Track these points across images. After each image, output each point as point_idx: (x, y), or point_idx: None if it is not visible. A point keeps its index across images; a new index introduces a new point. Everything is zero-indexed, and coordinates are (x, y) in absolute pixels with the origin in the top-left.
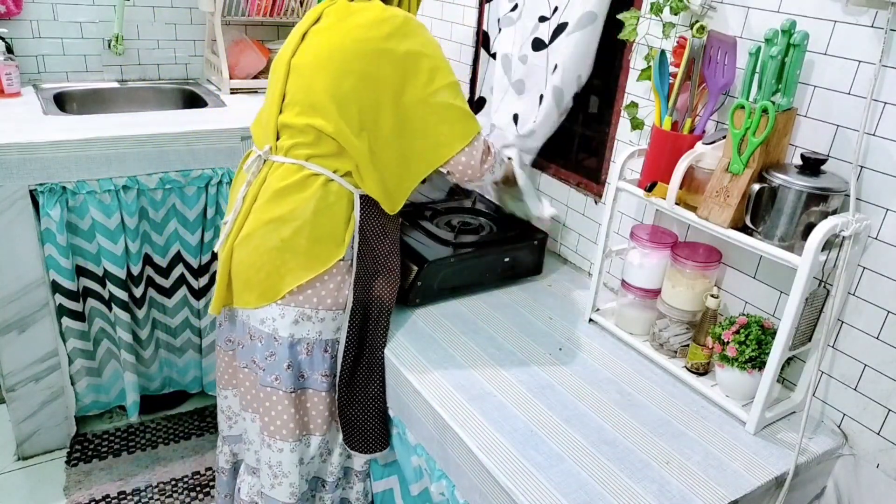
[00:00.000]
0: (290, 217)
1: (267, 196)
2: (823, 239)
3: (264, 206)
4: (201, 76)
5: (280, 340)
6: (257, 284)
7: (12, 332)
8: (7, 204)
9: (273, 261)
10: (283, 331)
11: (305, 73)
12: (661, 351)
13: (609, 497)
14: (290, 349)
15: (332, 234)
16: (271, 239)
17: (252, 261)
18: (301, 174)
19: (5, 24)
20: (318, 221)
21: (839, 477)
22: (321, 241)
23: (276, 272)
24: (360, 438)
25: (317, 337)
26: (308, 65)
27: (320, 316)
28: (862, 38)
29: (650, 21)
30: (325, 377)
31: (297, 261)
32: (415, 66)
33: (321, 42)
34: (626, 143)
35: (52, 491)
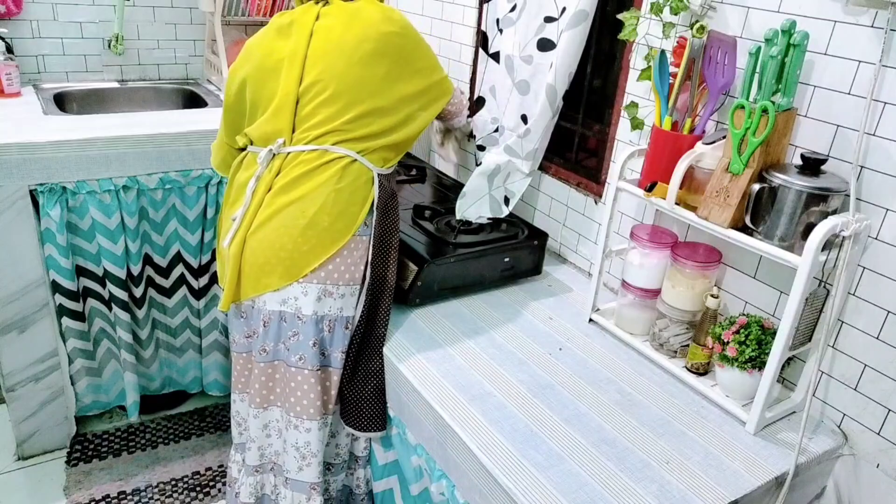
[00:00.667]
0: (313, 196)
1: (284, 182)
2: (823, 239)
3: (282, 191)
4: (201, 76)
5: (304, 319)
6: (279, 264)
7: (12, 332)
8: (7, 204)
9: (296, 239)
10: (306, 308)
11: (332, 64)
12: (661, 351)
13: (609, 497)
14: (315, 326)
15: (350, 210)
16: (295, 218)
17: (273, 242)
18: (323, 159)
19: (5, 24)
20: (339, 198)
21: (839, 477)
22: (341, 216)
23: (299, 250)
24: (359, 416)
25: (338, 313)
26: (334, 55)
27: (341, 292)
28: (862, 38)
29: (650, 21)
30: (342, 353)
31: (318, 237)
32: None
33: (342, 36)
34: (626, 143)
35: (52, 491)
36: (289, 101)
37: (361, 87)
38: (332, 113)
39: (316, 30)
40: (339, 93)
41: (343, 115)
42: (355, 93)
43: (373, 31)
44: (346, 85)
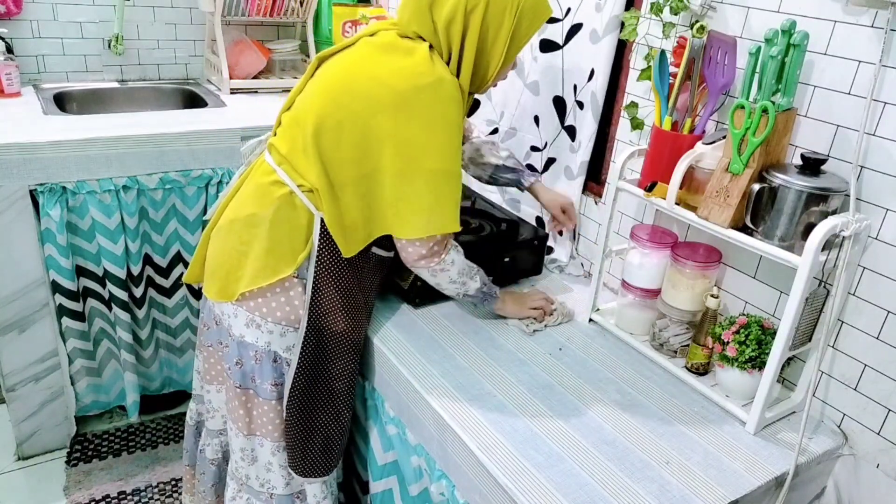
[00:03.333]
0: (251, 221)
1: (245, 192)
2: (823, 239)
3: (238, 201)
4: (201, 76)
5: (233, 336)
6: (218, 280)
7: (12, 332)
8: (7, 204)
9: (231, 261)
10: (235, 329)
11: (318, 88)
12: (661, 351)
13: (609, 497)
14: (239, 349)
15: (286, 249)
16: (233, 239)
17: (217, 255)
18: (271, 178)
19: (5, 24)
20: (274, 232)
21: (839, 477)
22: (273, 252)
23: (234, 272)
24: (300, 460)
25: (265, 347)
26: (324, 80)
27: (269, 327)
28: (862, 38)
29: (650, 21)
30: (274, 386)
31: (251, 265)
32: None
33: (347, 64)
34: (626, 143)
35: (52, 491)
36: (289, 100)
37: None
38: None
39: (355, 47)
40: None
41: (290, 138)
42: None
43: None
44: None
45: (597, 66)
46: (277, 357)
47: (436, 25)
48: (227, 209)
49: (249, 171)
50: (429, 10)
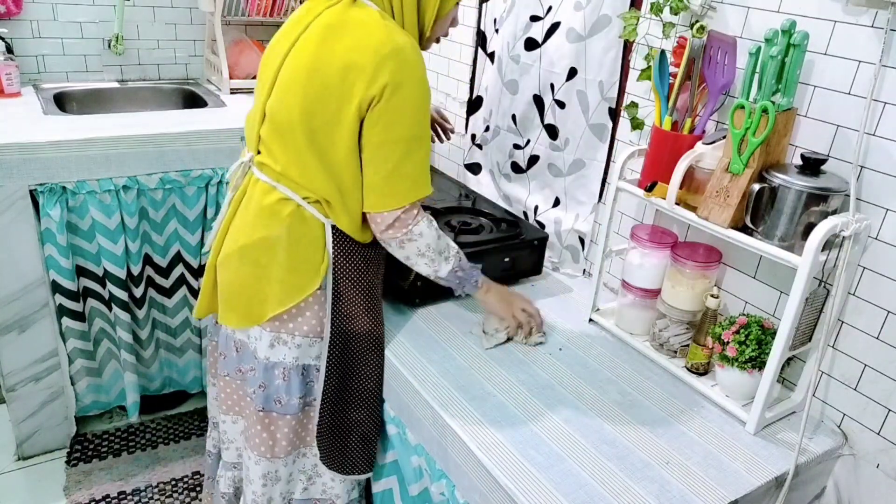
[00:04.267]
0: (264, 244)
1: (247, 215)
2: (823, 239)
3: (243, 226)
4: (201, 76)
5: (259, 359)
6: (237, 307)
7: (12, 332)
8: (7, 204)
9: (250, 286)
10: (260, 352)
11: (284, 88)
12: (661, 351)
13: (609, 497)
14: (265, 372)
15: (306, 265)
16: (248, 265)
17: (231, 284)
18: (273, 197)
19: (5, 24)
20: (293, 251)
21: (839, 477)
22: (296, 271)
23: (256, 296)
24: (339, 459)
25: (294, 362)
26: (289, 79)
27: (297, 342)
28: (862, 38)
29: (650, 21)
30: (301, 399)
31: (272, 290)
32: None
33: (307, 54)
34: (626, 143)
35: (52, 491)
36: (257, 113)
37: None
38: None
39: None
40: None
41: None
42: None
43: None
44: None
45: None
46: (306, 368)
47: None
48: (230, 237)
49: (242, 195)
50: None
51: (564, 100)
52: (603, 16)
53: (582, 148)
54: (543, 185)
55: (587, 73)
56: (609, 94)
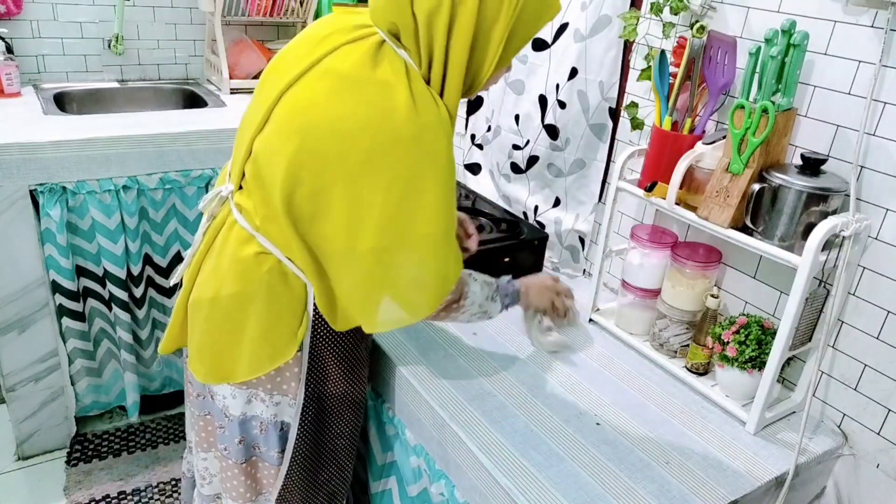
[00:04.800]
0: (237, 301)
1: (220, 262)
2: (823, 239)
3: (215, 274)
4: (201, 76)
5: (231, 418)
6: (206, 360)
7: (12, 332)
8: (7, 204)
9: (219, 341)
10: (234, 409)
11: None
12: (661, 351)
13: (609, 497)
14: (241, 426)
15: (282, 329)
16: (217, 318)
17: (200, 333)
18: (251, 248)
19: (5, 24)
20: (269, 314)
21: (839, 477)
22: (270, 335)
23: (227, 354)
24: None
25: (271, 418)
26: (282, 123)
27: (275, 400)
28: (862, 38)
29: (650, 21)
30: (280, 453)
31: (246, 350)
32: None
33: (311, 108)
34: (626, 143)
35: (52, 491)
36: (245, 140)
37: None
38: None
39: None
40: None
41: (274, 217)
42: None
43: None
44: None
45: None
46: (285, 426)
47: (416, 18)
48: (202, 280)
49: (216, 231)
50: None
51: (565, 100)
52: (603, 16)
53: (582, 148)
54: (543, 185)
55: (587, 73)
56: (609, 95)
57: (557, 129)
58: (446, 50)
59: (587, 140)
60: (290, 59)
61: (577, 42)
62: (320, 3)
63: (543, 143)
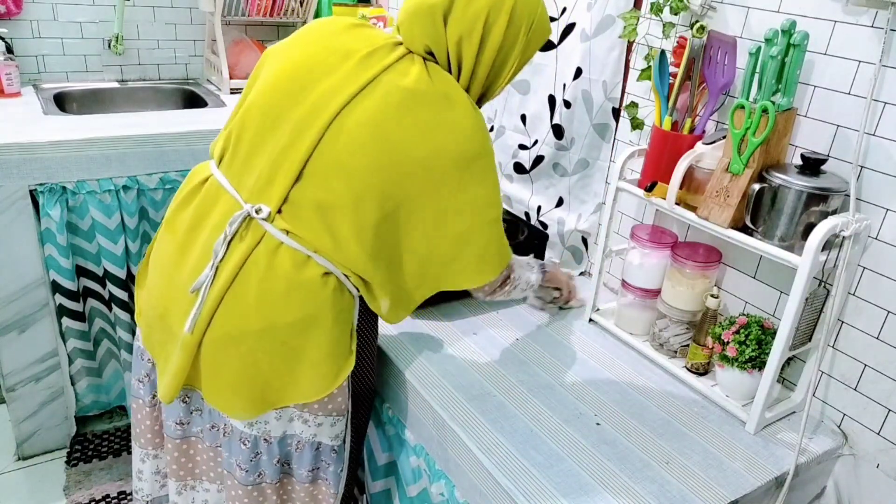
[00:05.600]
0: (300, 326)
1: (269, 286)
2: (823, 239)
3: (264, 300)
4: (201, 76)
5: (271, 440)
6: (247, 393)
7: (12, 332)
8: (7, 204)
9: (270, 371)
10: (275, 431)
11: (349, 155)
12: (661, 351)
13: (609, 497)
14: (280, 444)
15: (344, 344)
16: (273, 348)
17: (241, 368)
18: (313, 270)
19: (5, 24)
20: (337, 331)
21: (839, 477)
22: (335, 353)
23: (278, 382)
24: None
25: (310, 438)
26: (359, 147)
27: (318, 421)
28: (862, 38)
29: (650, 21)
30: (310, 472)
31: (307, 372)
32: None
33: (390, 124)
34: (626, 143)
35: (52, 491)
36: (295, 158)
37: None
38: (313, 215)
39: (373, 89)
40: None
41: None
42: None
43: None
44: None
45: (584, 64)
46: (321, 446)
47: (448, 39)
48: (239, 314)
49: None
50: (443, 23)
51: (570, 99)
52: (607, 16)
53: (586, 148)
54: (547, 186)
55: (591, 72)
56: (613, 94)
57: (563, 128)
58: (473, 68)
59: (591, 140)
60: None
61: (583, 42)
62: (320, 3)
63: (550, 143)
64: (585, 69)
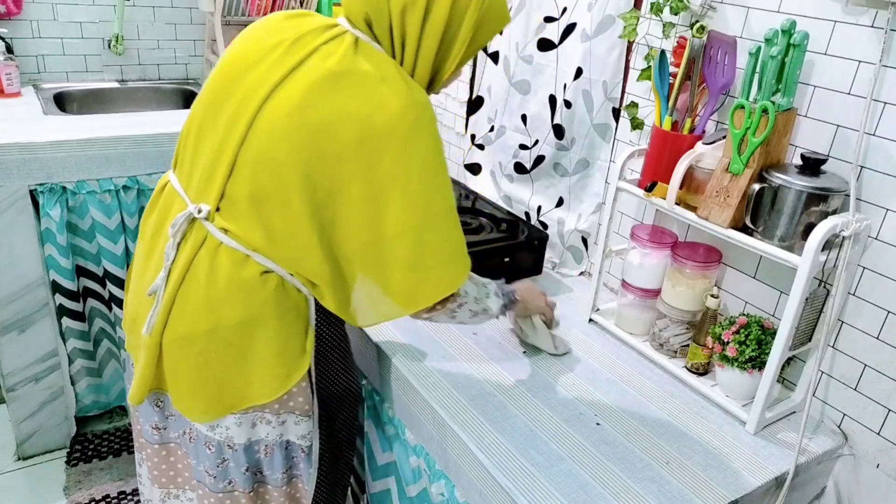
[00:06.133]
0: (244, 327)
1: (212, 290)
2: (823, 239)
3: (209, 303)
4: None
5: (235, 447)
6: (204, 396)
7: (12, 332)
8: (7, 204)
9: (225, 372)
10: (238, 438)
11: (273, 142)
12: (661, 351)
13: (609, 497)
14: (247, 452)
15: (295, 345)
16: (220, 350)
17: (196, 370)
18: (252, 269)
19: (5, 24)
20: (281, 332)
21: (839, 477)
22: (285, 353)
23: (232, 384)
24: None
25: (277, 439)
26: (282, 133)
27: (281, 419)
28: (862, 38)
29: (650, 21)
30: (285, 474)
31: (258, 373)
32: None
33: (311, 104)
34: (626, 143)
35: (52, 491)
36: (225, 154)
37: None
38: (248, 208)
39: (298, 75)
40: (268, 187)
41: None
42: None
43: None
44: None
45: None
46: (290, 444)
47: (391, 9)
48: (186, 314)
49: (191, 256)
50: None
51: (571, 99)
52: (607, 16)
53: (587, 148)
54: (548, 186)
55: (591, 72)
56: (613, 95)
57: (563, 128)
58: (418, 42)
59: (591, 140)
60: (258, 64)
61: (583, 42)
62: (320, 2)
63: (551, 143)
64: (586, 69)
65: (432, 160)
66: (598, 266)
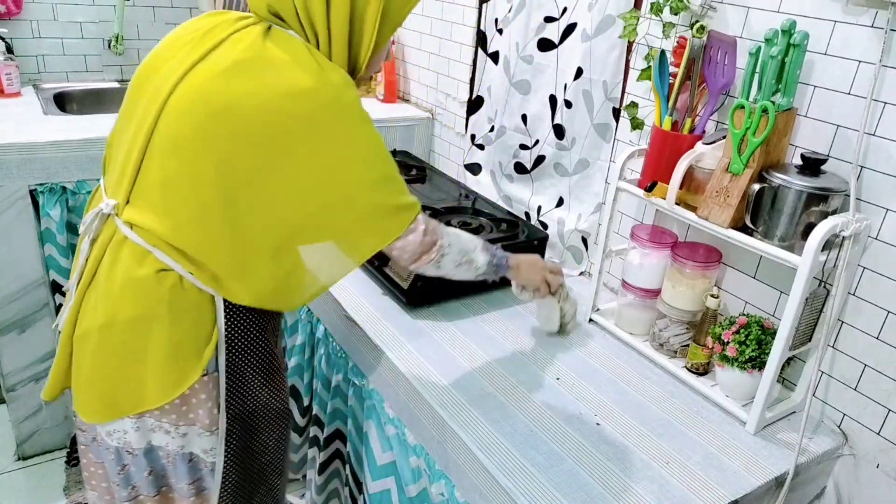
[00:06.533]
0: (136, 326)
1: (111, 285)
2: (823, 239)
3: (106, 299)
4: None
5: (135, 452)
6: (97, 396)
7: (12, 332)
8: (7, 204)
9: (118, 372)
10: (136, 443)
11: (178, 129)
12: (661, 351)
13: (609, 497)
14: (148, 456)
15: (190, 348)
16: (112, 346)
17: (92, 368)
18: (149, 267)
19: (5, 24)
20: (175, 332)
21: (839, 477)
22: (176, 356)
23: (125, 385)
24: None
25: (178, 450)
26: (187, 120)
27: (181, 431)
28: (862, 38)
29: (650, 21)
30: (191, 485)
31: (150, 376)
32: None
33: (214, 91)
34: (626, 143)
35: (52, 491)
36: (134, 151)
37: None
38: (155, 201)
39: (205, 64)
40: (171, 177)
41: (185, 217)
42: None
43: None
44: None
45: (585, 64)
46: (194, 457)
47: (294, 1)
48: (87, 310)
49: (101, 252)
50: None
51: (572, 99)
52: (608, 16)
53: (587, 148)
54: (548, 186)
55: (592, 72)
56: (613, 95)
57: (564, 128)
58: (328, 25)
59: (591, 140)
60: (168, 60)
61: (584, 42)
62: None
63: (551, 143)
64: (586, 69)
65: (352, 135)
66: (598, 266)
